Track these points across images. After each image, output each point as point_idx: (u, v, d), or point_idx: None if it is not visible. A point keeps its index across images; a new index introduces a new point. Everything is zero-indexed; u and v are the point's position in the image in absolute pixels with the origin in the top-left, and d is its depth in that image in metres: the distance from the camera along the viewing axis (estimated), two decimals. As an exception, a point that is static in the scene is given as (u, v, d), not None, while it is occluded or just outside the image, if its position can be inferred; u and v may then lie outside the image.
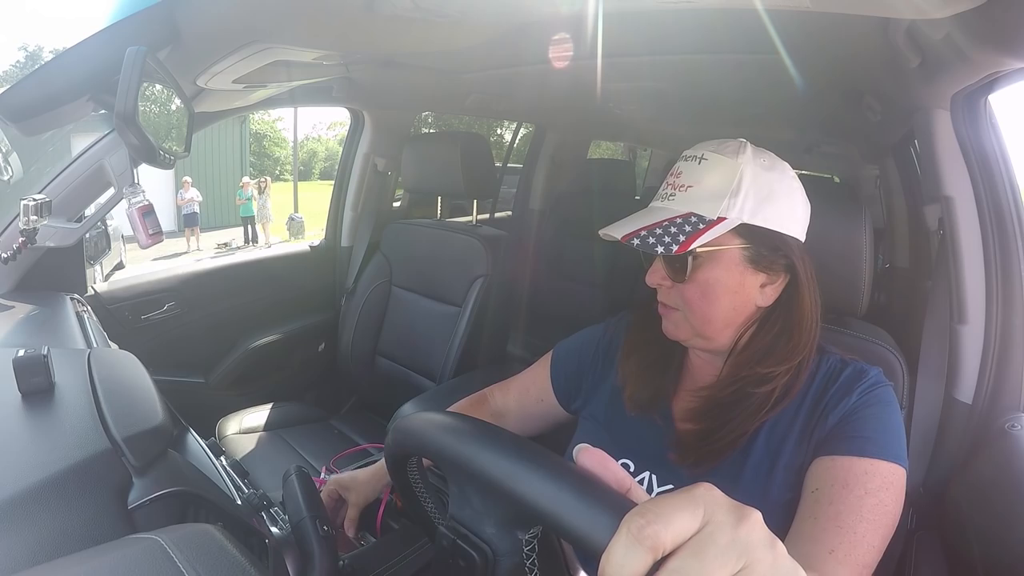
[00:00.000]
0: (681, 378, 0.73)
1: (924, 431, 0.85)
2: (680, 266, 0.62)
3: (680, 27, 0.99)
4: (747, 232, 0.61)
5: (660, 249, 0.58)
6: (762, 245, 0.62)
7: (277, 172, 18.11)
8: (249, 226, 10.12)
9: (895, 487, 0.55)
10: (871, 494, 0.53)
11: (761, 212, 0.60)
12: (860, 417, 0.59)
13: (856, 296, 0.78)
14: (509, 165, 3.31)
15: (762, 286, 0.64)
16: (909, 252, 1.75)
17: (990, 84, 0.77)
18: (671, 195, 0.63)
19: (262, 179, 10.41)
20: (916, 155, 1.57)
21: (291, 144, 18.32)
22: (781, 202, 0.61)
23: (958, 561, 0.72)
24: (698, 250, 0.60)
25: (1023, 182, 0.86)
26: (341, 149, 1.98)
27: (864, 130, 1.68)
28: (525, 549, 0.42)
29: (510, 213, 2.94)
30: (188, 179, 9.52)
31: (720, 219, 0.59)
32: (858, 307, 0.79)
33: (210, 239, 9.91)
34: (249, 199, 9.99)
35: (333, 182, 1.98)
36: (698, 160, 0.62)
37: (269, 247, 8.87)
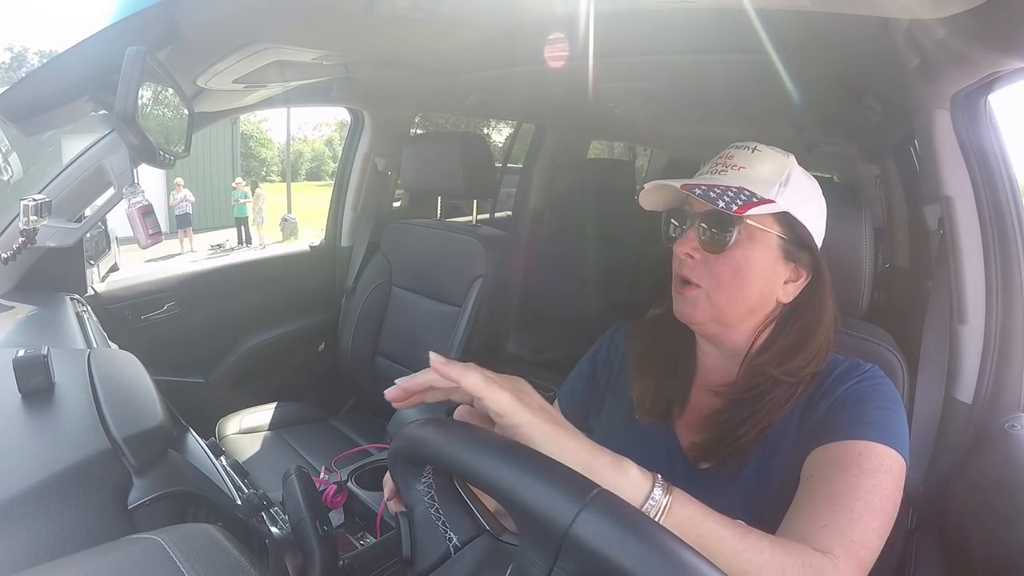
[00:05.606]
0: (694, 380, 0.71)
1: (924, 431, 0.85)
2: (722, 236, 0.61)
3: (680, 27, 0.99)
4: (787, 223, 0.63)
5: (721, 204, 0.58)
6: (796, 239, 0.63)
7: (263, 173, 17.91)
8: (243, 227, 10.07)
9: (893, 472, 0.53)
10: (867, 475, 0.52)
11: (801, 209, 0.63)
12: (853, 404, 0.59)
13: (856, 296, 0.78)
14: (509, 165, 3.31)
15: (785, 282, 0.65)
16: (909, 252, 1.75)
17: (990, 84, 0.76)
18: (722, 171, 0.64)
19: (256, 186, 10.39)
20: (916, 155, 1.57)
21: (277, 145, 18.20)
22: (815, 209, 0.65)
23: (958, 561, 0.72)
24: (747, 222, 0.61)
25: (1023, 182, 0.86)
26: (326, 149, 1.98)
27: (864, 130, 1.68)
28: (425, 499, 0.45)
29: (510, 213, 2.94)
30: (180, 180, 9.46)
31: (770, 200, 0.60)
32: (858, 307, 0.79)
33: (203, 240, 9.83)
34: (243, 201, 9.93)
35: (320, 183, 1.98)
36: (751, 149, 0.65)
37: (264, 248, 8.85)
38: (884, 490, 0.52)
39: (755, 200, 0.60)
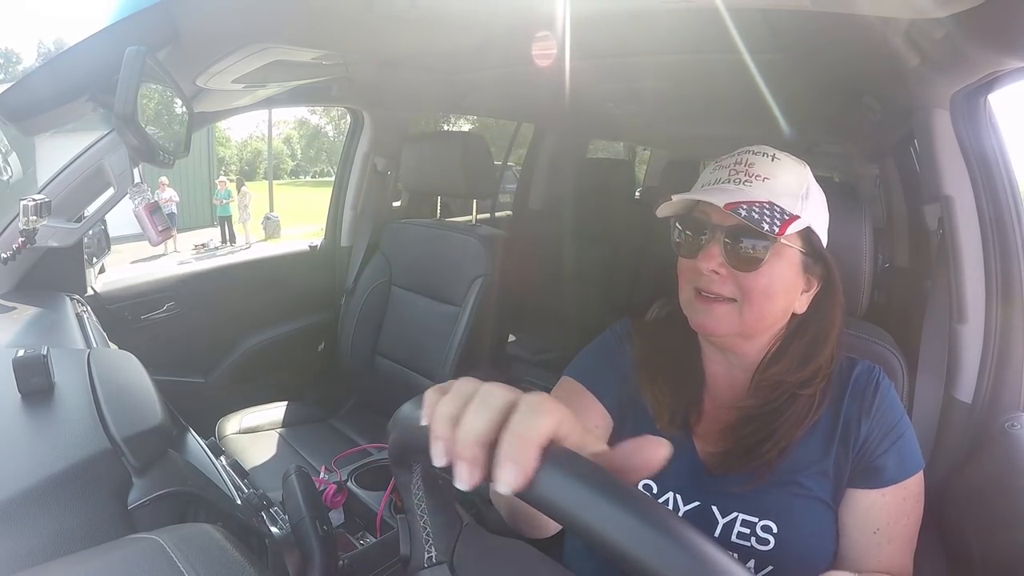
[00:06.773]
0: (704, 387, 0.69)
1: (924, 431, 0.85)
2: (755, 254, 0.59)
3: (679, 27, 0.99)
4: (805, 236, 0.62)
5: (765, 227, 0.56)
6: (813, 251, 0.63)
7: (222, 171, 17.80)
8: (226, 226, 9.86)
9: (920, 488, 0.61)
10: (911, 514, 0.61)
11: (817, 221, 0.62)
12: (886, 437, 0.61)
13: (856, 296, 0.78)
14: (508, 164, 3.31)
15: (800, 293, 0.64)
16: (909, 252, 1.75)
17: (990, 84, 0.77)
18: (746, 181, 0.61)
19: (242, 184, 10.29)
20: (916, 155, 1.57)
21: (235, 143, 18.16)
22: (824, 218, 0.64)
23: (958, 561, 0.72)
24: (782, 242, 0.59)
25: (1023, 182, 0.85)
26: (285, 148, 1.97)
27: (864, 130, 1.68)
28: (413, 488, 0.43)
29: (510, 213, 2.94)
30: (164, 179, 9.22)
31: (796, 216, 0.59)
32: (858, 307, 0.79)
33: (185, 240, 9.56)
34: (226, 201, 9.73)
35: (279, 182, 1.97)
36: (770, 157, 0.62)
37: (249, 247, 8.70)
38: (919, 513, 0.62)
39: (787, 217, 0.58)
